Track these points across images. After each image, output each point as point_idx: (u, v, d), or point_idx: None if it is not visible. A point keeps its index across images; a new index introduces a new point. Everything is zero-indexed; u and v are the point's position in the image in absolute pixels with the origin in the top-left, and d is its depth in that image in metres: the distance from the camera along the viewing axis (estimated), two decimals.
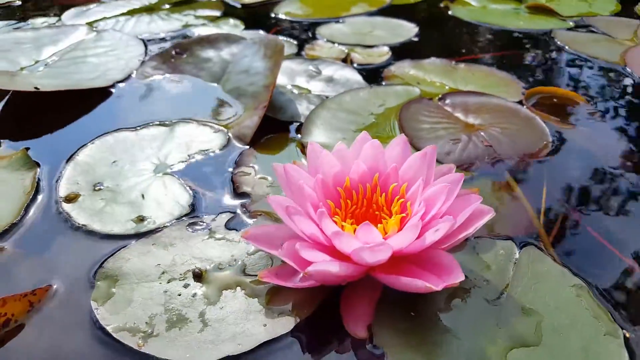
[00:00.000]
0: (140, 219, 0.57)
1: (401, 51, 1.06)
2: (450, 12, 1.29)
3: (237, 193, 0.62)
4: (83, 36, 1.11)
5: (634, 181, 0.67)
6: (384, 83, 0.91)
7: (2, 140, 0.73)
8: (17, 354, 0.44)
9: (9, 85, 0.85)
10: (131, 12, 1.30)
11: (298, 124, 0.78)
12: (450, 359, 0.43)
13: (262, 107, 0.75)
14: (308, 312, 0.47)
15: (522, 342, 0.44)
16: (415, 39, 1.13)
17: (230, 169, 0.67)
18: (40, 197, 0.61)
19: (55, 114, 0.81)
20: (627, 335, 0.45)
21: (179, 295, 0.48)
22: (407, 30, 1.18)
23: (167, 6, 1.36)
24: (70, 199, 0.61)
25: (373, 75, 0.94)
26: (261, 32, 1.15)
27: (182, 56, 0.96)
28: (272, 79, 0.80)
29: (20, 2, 1.44)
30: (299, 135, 0.75)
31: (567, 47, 1.07)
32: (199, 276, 0.50)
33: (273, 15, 1.28)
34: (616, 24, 1.19)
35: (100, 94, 0.87)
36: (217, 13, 1.29)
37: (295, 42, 1.09)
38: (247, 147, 0.71)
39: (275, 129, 0.76)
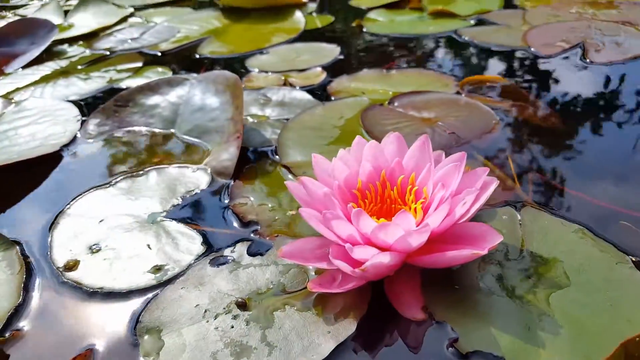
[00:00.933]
0: (157, 269, 0.55)
1: (334, 69, 1.11)
2: (364, 30, 1.38)
3: (244, 223, 0.62)
4: (0, 110, 1.04)
5: (569, 136, 0.77)
6: (332, 98, 0.96)
7: None
8: None
9: None
10: (45, 79, 1.24)
11: (270, 148, 0.79)
12: (504, 314, 0.46)
13: (236, 137, 0.75)
14: (363, 311, 0.48)
15: (556, 286, 0.49)
16: (341, 57, 1.19)
17: (226, 202, 0.66)
18: (36, 274, 0.57)
19: (11, 189, 0.76)
20: (634, 259, 0.52)
21: (232, 327, 0.47)
22: (330, 50, 1.24)
23: (81, 67, 1.31)
24: (71, 267, 0.57)
25: (318, 93, 0.98)
26: (193, 74, 1.15)
27: (126, 108, 0.94)
28: (235, 110, 0.81)
29: None
30: (277, 157, 0.76)
31: (475, 41, 1.20)
32: (243, 305, 0.49)
33: (198, 56, 1.29)
34: (506, 15, 1.35)
35: (51, 161, 0.82)
36: (139, 64, 1.27)
37: None
38: (231, 180, 0.71)
39: (249, 159, 0.77)
